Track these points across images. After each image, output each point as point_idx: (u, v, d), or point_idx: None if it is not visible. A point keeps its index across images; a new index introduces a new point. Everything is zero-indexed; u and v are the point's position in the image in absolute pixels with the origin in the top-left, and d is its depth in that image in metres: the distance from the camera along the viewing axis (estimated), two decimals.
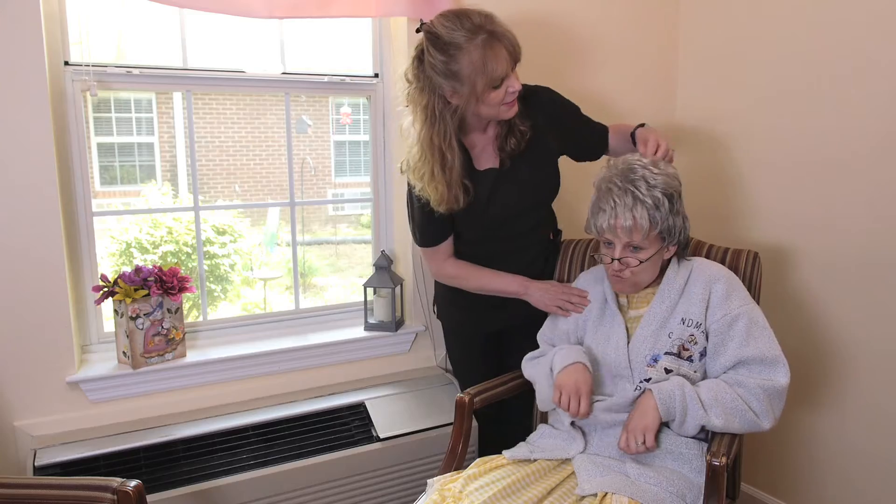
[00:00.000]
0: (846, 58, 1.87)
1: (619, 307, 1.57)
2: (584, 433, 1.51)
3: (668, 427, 1.45)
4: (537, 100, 1.70)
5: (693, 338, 1.47)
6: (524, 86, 1.63)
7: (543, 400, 1.60)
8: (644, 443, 1.39)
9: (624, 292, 1.55)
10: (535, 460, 1.48)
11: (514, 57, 1.51)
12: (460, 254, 1.80)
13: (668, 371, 1.47)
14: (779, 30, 2.05)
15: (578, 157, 1.83)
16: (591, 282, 1.66)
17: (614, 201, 1.43)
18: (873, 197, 1.84)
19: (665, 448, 1.43)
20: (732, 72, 2.22)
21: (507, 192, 1.69)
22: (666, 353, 1.47)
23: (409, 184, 1.70)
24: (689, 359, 1.47)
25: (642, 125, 1.73)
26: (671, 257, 1.53)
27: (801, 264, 2.05)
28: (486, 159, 1.70)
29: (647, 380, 1.47)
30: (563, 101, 1.75)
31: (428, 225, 1.71)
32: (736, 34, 2.19)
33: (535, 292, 1.72)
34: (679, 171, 1.58)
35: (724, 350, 1.45)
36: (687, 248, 1.56)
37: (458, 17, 1.49)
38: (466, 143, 1.68)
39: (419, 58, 1.55)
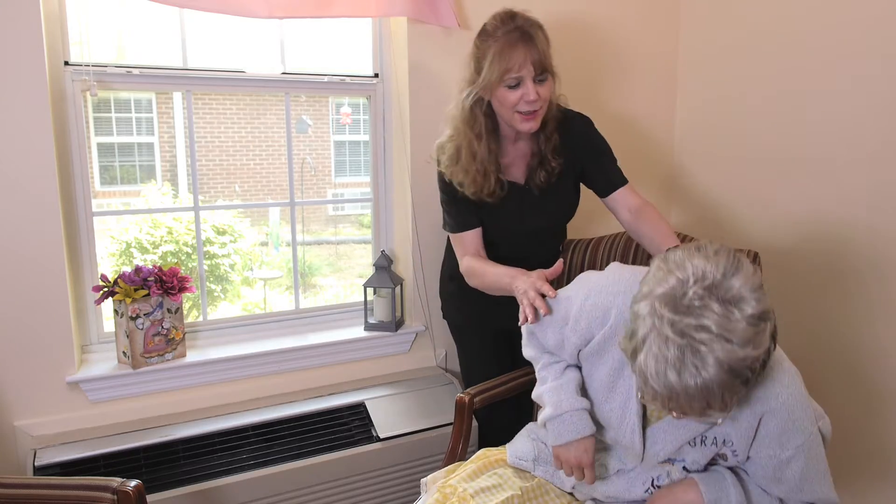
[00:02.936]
0: (847, 59, 1.87)
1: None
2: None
3: None
4: (570, 127, 1.70)
5: (725, 457, 1.19)
6: (564, 109, 1.68)
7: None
8: None
9: None
10: (536, 476, 1.40)
11: (537, 63, 1.53)
12: None
13: (688, 471, 1.22)
14: (780, 33, 2.05)
15: (586, 184, 1.82)
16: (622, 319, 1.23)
17: (672, 392, 0.97)
18: (873, 197, 1.84)
19: None
20: (733, 72, 2.22)
21: (527, 211, 1.72)
22: (685, 469, 1.23)
23: (438, 169, 1.72)
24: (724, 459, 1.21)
25: None
26: None
27: (802, 264, 2.05)
28: (513, 173, 1.72)
29: (659, 486, 1.25)
30: (593, 136, 1.74)
31: (451, 209, 1.73)
32: (737, 37, 2.19)
33: (519, 283, 1.46)
34: (679, 172, 1.56)
35: (767, 485, 1.17)
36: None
37: (510, 15, 1.57)
38: (501, 153, 1.71)
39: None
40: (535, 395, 1.37)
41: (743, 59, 2.17)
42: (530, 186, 1.71)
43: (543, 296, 1.35)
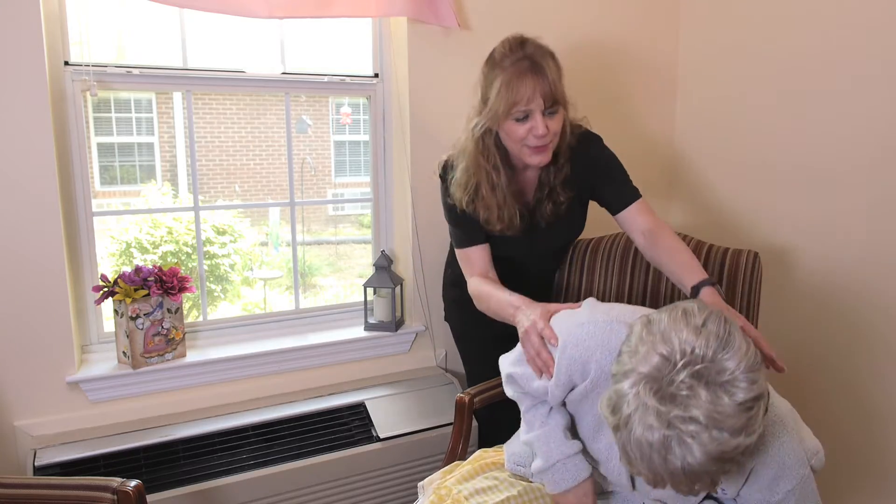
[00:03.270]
0: (846, 61, 1.87)
1: None
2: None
3: None
4: (581, 151, 1.62)
5: (715, 497, 1.19)
6: (579, 133, 1.58)
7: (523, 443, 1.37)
8: None
9: None
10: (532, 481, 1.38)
11: (547, 96, 1.44)
12: None
13: None
14: (780, 34, 2.05)
15: (597, 202, 1.75)
16: (605, 360, 1.16)
17: (657, 475, 0.93)
18: (873, 198, 1.84)
19: None
20: (733, 73, 2.22)
21: (536, 238, 1.69)
22: None
23: (442, 186, 1.66)
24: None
25: (713, 283, 1.38)
26: None
27: (801, 265, 2.05)
28: (523, 201, 1.66)
29: None
30: (604, 156, 1.65)
31: (457, 224, 1.66)
32: (736, 37, 2.19)
33: (521, 319, 1.36)
34: (679, 173, 1.54)
35: None
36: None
37: (519, 43, 1.48)
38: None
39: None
40: (523, 440, 1.32)
41: (743, 59, 2.17)
42: (537, 218, 1.64)
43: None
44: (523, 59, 1.45)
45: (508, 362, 1.34)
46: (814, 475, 1.15)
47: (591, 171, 1.63)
